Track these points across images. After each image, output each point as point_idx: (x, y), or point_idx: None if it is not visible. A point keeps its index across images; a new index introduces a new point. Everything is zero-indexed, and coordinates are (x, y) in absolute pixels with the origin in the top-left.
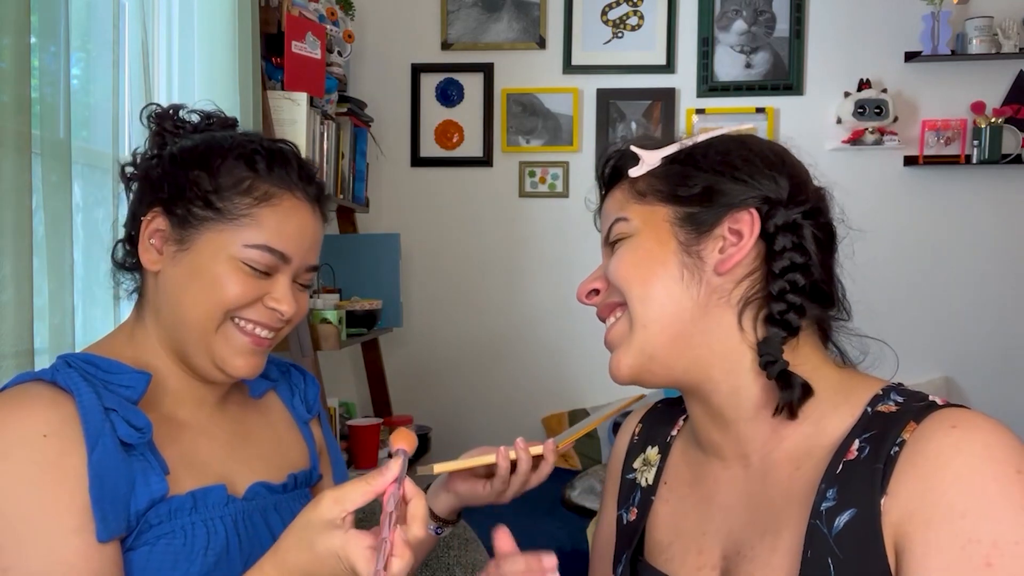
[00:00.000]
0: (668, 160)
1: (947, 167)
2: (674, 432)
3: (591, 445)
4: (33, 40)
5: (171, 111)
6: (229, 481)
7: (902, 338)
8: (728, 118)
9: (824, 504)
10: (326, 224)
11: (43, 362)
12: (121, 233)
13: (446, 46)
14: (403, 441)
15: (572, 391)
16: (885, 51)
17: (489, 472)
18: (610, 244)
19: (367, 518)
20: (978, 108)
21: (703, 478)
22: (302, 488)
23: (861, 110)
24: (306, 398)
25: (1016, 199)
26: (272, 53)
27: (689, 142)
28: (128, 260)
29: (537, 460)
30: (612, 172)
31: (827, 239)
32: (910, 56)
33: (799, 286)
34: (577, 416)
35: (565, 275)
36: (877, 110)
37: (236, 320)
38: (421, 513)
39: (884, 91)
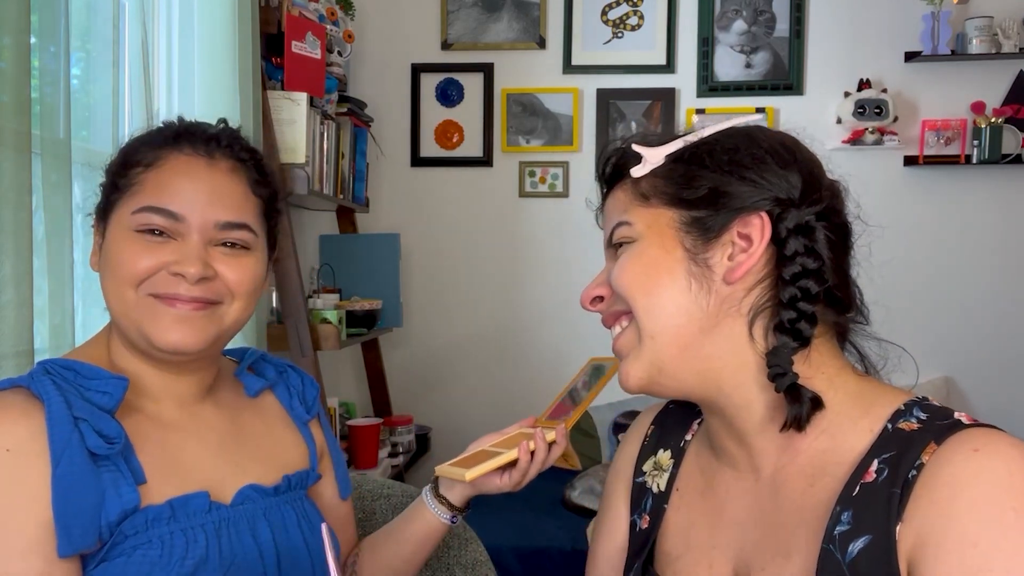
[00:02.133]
0: (672, 158)
1: (947, 167)
2: (688, 436)
3: (591, 445)
4: (33, 40)
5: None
6: (216, 485)
7: (902, 338)
8: (728, 118)
9: (839, 528)
10: (265, 182)
11: None
12: None
13: (446, 46)
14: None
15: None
16: (885, 51)
17: (507, 465)
18: (613, 247)
19: (367, 518)
20: (978, 108)
21: (715, 487)
22: (297, 490)
23: (861, 110)
24: (305, 399)
25: (1016, 199)
26: (272, 53)
27: (694, 137)
28: None
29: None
30: (613, 171)
31: (841, 239)
32: (910, 56)
33: (811, 293)
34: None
35: (565, 275)
36: (877, 110)
37: (153, 295)
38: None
39: (884, 91)
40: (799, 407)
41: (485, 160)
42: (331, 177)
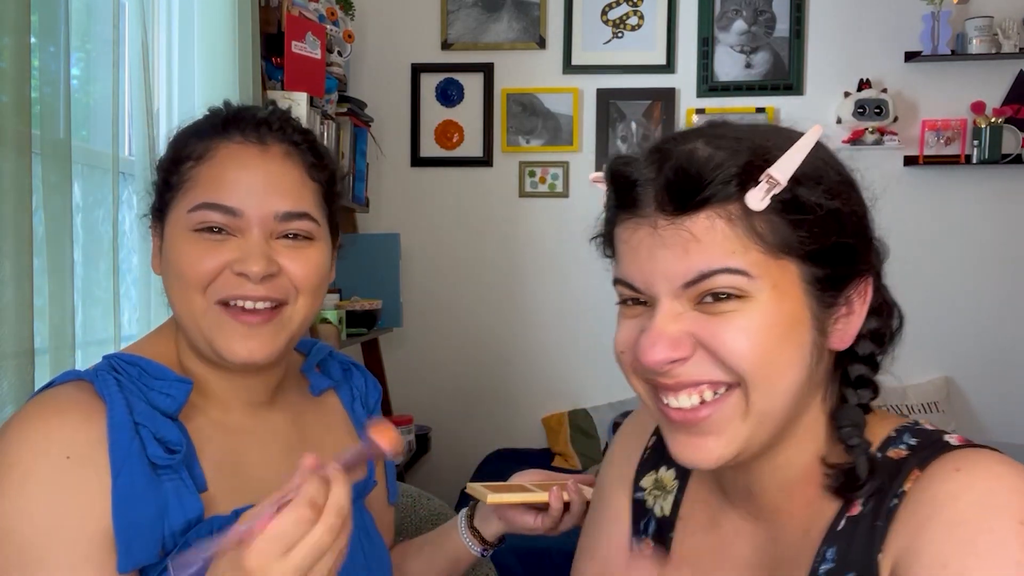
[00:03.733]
0: (791, 183)
1: (947, 167)
2: None
3: (591, 445)
4: (33, 40)
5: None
6: None
7: (902, 338)
8: (728, 118)
9: (823, 567)
10: (321, 165)
11: (43, 362)
12: (121, 233)
13: (446, 46)
14: (385, 437)
15: (572, 391)
16: (885, 51)
17: (542, 506)
18: (700, 298)
19: None
20: (978, 108)
21: (719, 526)
22: (357, 501)
23: (861, 110)
24: (367, 402)
25: (1016, 199)
26: (272, 53)
27: (800, 152)
28: None
29: (586, 504)
30: (699, 181)
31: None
32: (910, 56)
33: (883, 344)
34: (578, 416)
35: (565, 275)
36: (877, 110)
37: (222, 303)
38: (335, 502)
39: (884, 91)
40: (865, 463)
41: (485, 160)
42: None
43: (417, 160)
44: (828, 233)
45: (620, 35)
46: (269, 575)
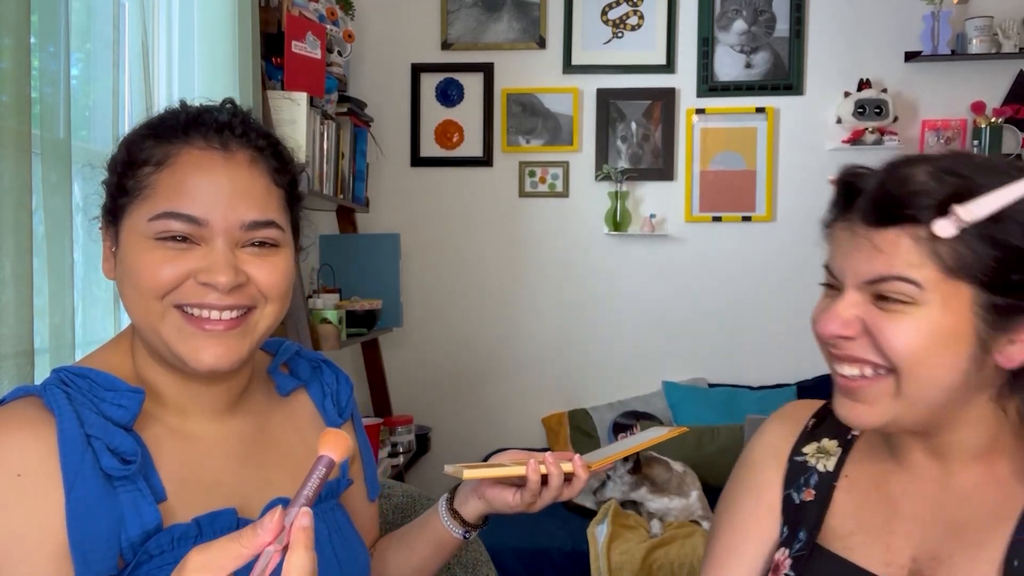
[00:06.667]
0: (983, 221)
1: None
2: (856, 432)
3: (591, 445)
4: (33, 40)
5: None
6: (242, 500)
7: None
8: (728, 118)
9: None
10: (285, 169)
11: (43, 362)
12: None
13: (446, 46)
14: (331, 446)
15: (572, 391)
16: (885, 51)
17: (520, 482)
18: (871, 289)
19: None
20: (978, 108)
21: (887, 484)
22: (328, 500)
23: (861, 110)
24: (338, 399)
25: None
26: (272, 53)
27: (1010, 196)
28: None
29: (569, 475)
30: (897, 204)
31: None
32: (910, 56)
33: None
34: (577, 416)
35: (565, 275)
36: (877, 110)
37: (182, 308)
38: (296, 568)
39: (884, 91)
40: None
41: (485, 160)
42: (331, 177)
43: (417, 160)
44: (1013, 269)
45: (620, 35)
46: None
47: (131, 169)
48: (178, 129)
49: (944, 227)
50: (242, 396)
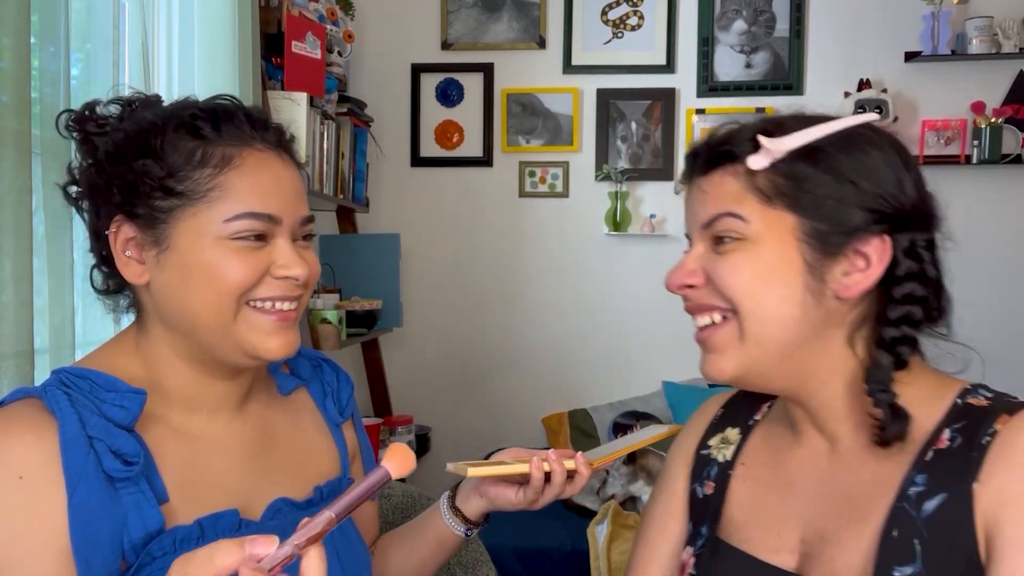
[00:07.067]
0: (793, 155)
1: (947, 167)
2: (757, 417)
3: (591, 445)
4: (33, 40)
5: (87, 111)
6: (244, 501)
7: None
8: (728, 118)
9: (912, 489)
10: (304, 173)
11: (43, 362)
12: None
13: (446, 46)
14: (395, 461)
15: (572, 391)
16: (885, 51)
17: (522, 479)
18: (709, 234)
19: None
20: (978, 108)
21: (784, 463)
22: (329, 499)
23: (861, 110)
24: (339, 399)
25: (1016, 199)
26: (272, 53)
27: (817, 132)
28: (110, 282)
29: (571, 472)
30: (722, 152)
31: (940, 259)
32: (910, 56)
33: (916, 318)
34: (577, 416)
35: (565, 275)
36: (877, 110)
37: (252, 303)
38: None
39: (884, 91)
40: (897, 425)
41: (485, 160)
42: (331, 177)
43: (417, 160)
44: (825, 196)
45: (620, 35)
46: None
47: (182, 170)
48: (233, 128)
49: (756, 160)
50: (246, 395)
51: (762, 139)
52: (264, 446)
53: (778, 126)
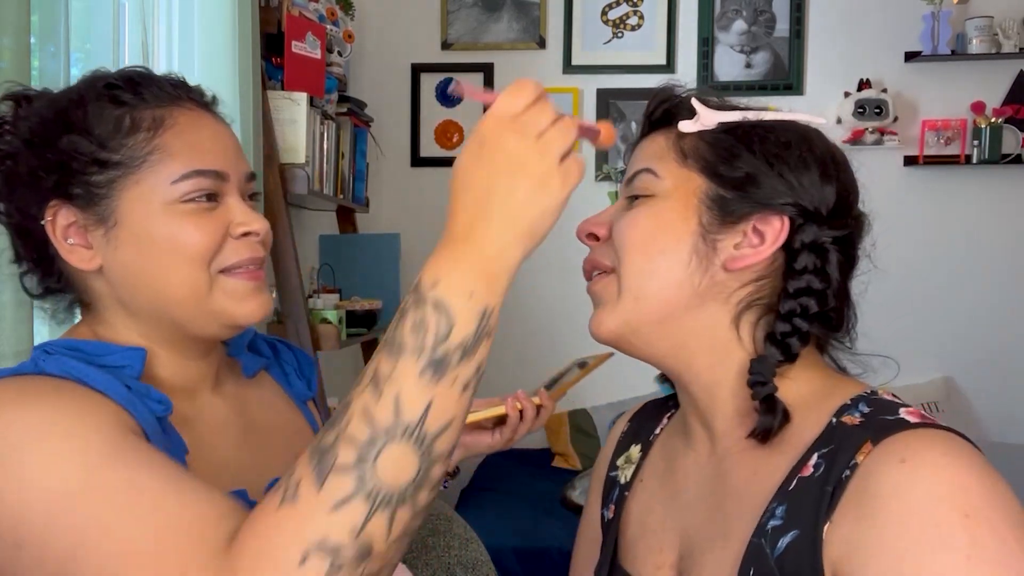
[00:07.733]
0: (725, 127)
1: (947, 167)
2: (657, 430)
3: (591, 445)
4: (33, 40)
5: None
6: (246, 482)
7: (902, 338)
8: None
9: (771, 522)
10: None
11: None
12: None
13: (446, 46)
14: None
15: (572, 391)
16: (885, 51)
17: (496, 422)
18: (630, 198)
19: None
20: (978, 108)
21: (675, 471)
22: None
23: (861, 110)
24: (303, 374)
25: (1016, 199)
26: (272, 53)
27: (754, 116)
28: (49, 283)
29: (536, 408)
30: (663, 115)
31: (849, 266)
32: (910, 56)
33: (809, 312)
34: (577, 416)
35: (564, 275)
36: (877, 110)
37: (225, 271)
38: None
39: (884, 91)
40: (771, 419)
41: None
42: (331, 177)
43: (417, 160)
44: (742, 168)
45: (620, 35)
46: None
47: (113, 139)
48: (155, 91)
49: (687, 124)
50: (218, 376)
51: (697, 105)
52: (246, 426)
53: (719, 102)
